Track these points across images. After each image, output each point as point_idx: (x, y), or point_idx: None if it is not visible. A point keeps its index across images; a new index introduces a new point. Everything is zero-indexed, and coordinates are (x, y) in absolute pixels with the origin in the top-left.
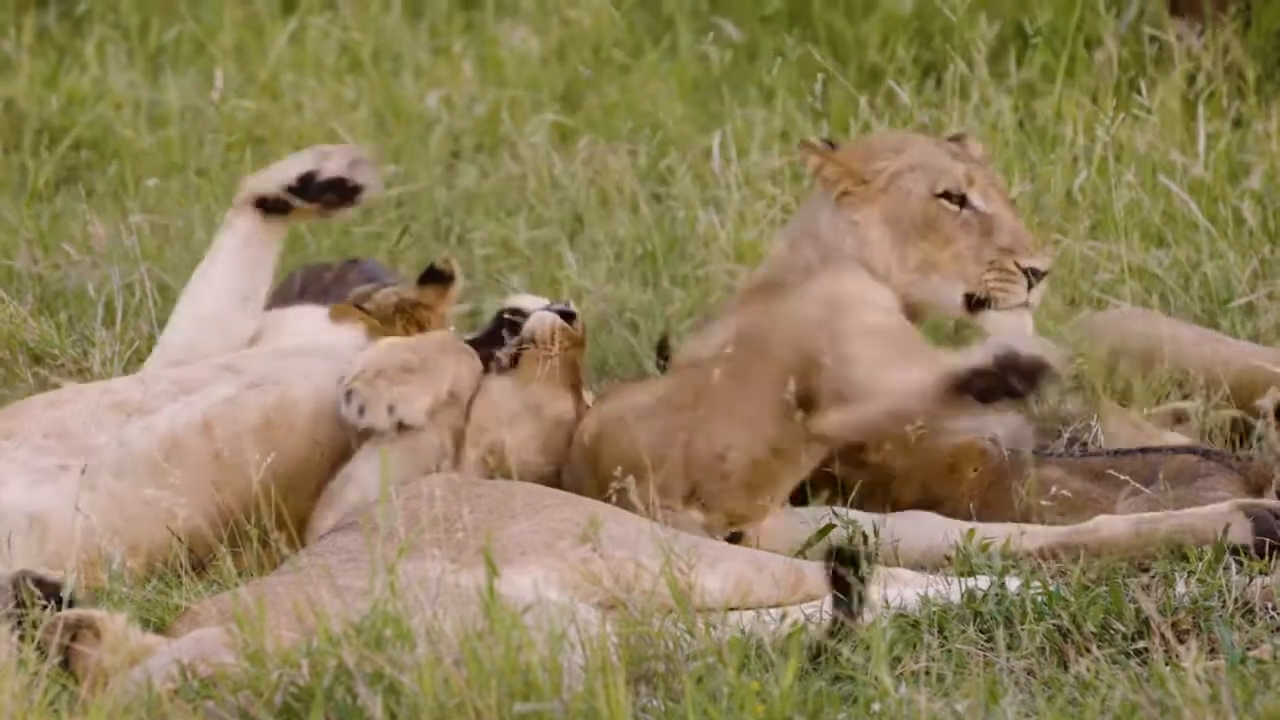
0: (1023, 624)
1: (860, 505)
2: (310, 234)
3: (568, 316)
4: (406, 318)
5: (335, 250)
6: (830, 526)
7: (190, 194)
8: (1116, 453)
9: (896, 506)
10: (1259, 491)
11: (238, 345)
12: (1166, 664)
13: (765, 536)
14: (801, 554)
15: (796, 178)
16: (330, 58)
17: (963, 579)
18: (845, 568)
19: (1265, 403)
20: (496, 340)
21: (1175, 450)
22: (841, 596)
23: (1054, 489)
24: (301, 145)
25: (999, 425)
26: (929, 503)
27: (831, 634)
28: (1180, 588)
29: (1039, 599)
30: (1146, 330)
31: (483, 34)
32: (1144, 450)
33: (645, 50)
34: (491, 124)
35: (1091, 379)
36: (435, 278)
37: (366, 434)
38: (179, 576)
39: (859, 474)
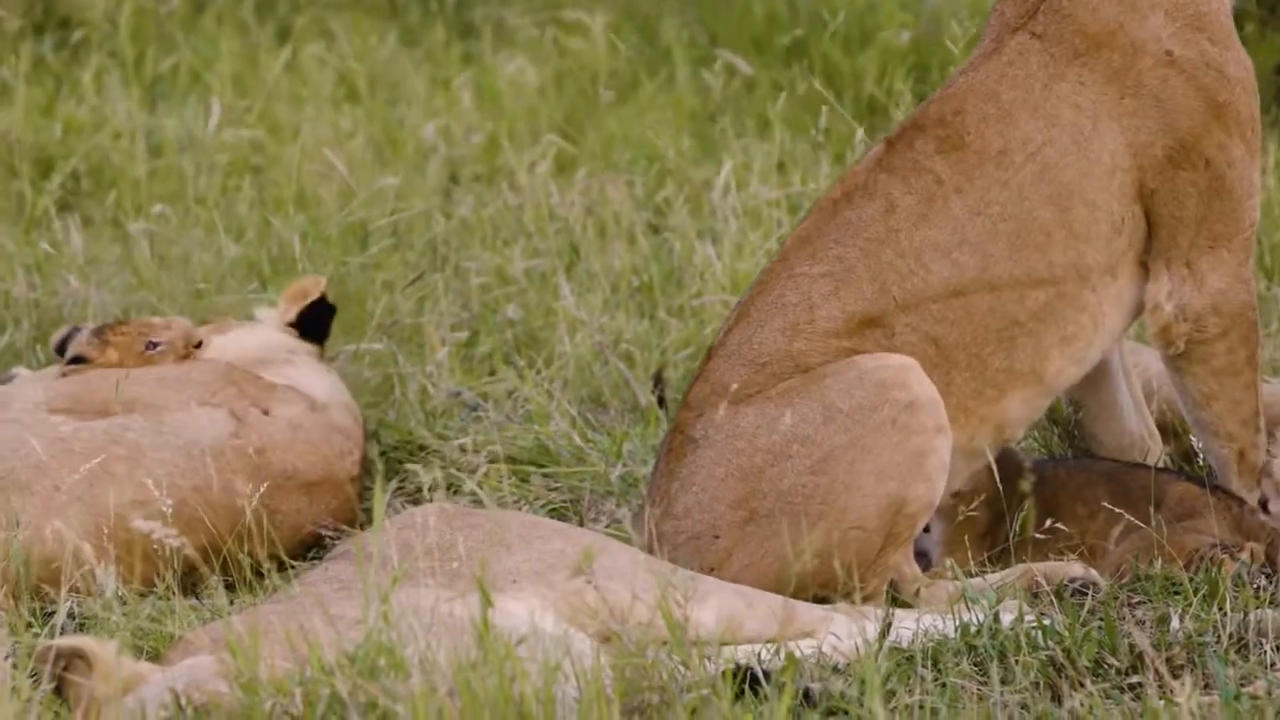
0: (1017, 658)
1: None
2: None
3: None
4: None
5: (331, 282)
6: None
7: (190, 221)
8: (1132, 465)
9: None
10: (1243, 545)
11: None
12: (1160, 699)
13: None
14: None
15: (793, 208)
16: (327, 87)
17: (957, 612)
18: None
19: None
20: None
21: (1186, 477)
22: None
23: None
24: (299, 174)
25: None
26: None
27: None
28: (1175, 623)
29: (1033, 633)
30: (1140, 364)
31: (480, 64)
32: (1160, 470)
33: (643, 82)
34: (489, 154)
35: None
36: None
37: None
38: (169, 600)
39: None
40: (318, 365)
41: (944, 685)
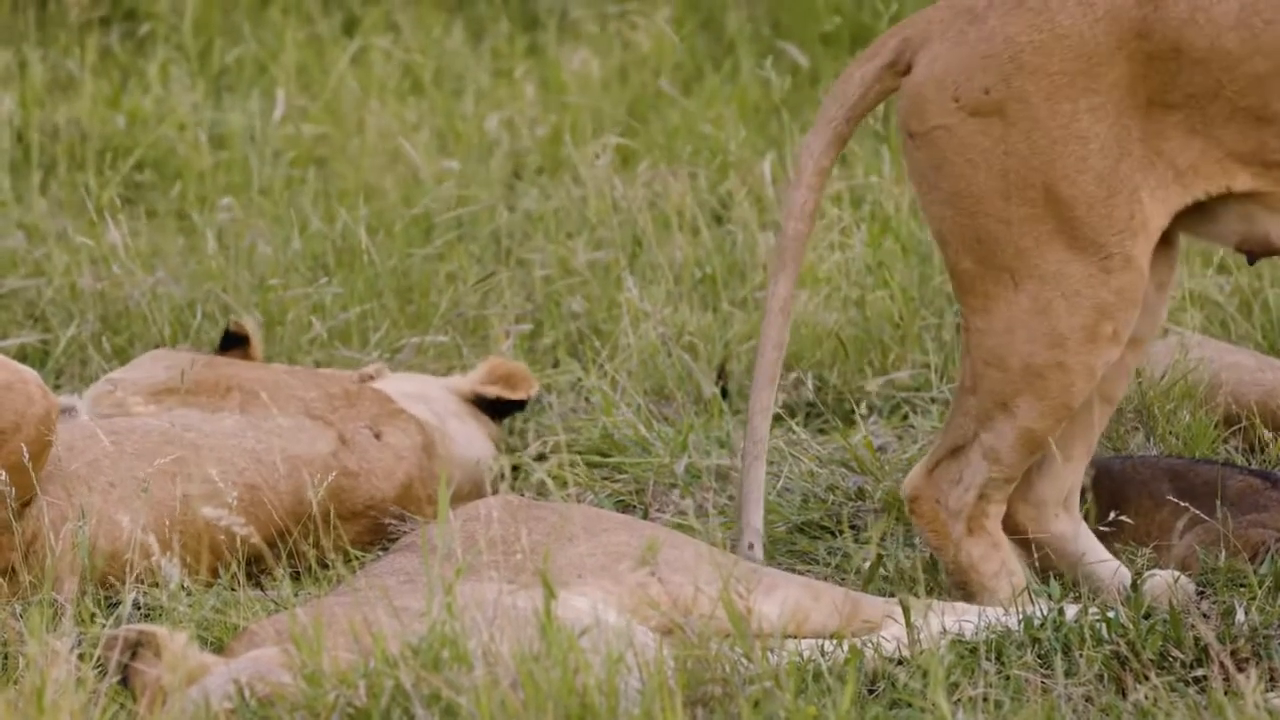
0: (1081, 650)
1: None
2: (378, 253)
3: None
4: None
5: (396, 274)
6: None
7: (254, 213)
8: (1196, 460)
9: None
10: None
11: None
12: (1225, 692)
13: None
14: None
15: (856, 201)
16: (392, 79)
17: (1021, 605)
18: None
19: None
20: None
21: (1249, 472)
22: None
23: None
24: (364, 166)
25: None
26: None
27: None
28: (1240, 615)
29: (1097, 625)
30: (1208, 357)
31: (544, 57)
32: (1225, 464)
33: (706, 74)
34: (552, 146)
35: (1152, 408)
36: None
37: None
38: (234, 591)
39: None
40: (482, 436)
41: (1007, 678)
